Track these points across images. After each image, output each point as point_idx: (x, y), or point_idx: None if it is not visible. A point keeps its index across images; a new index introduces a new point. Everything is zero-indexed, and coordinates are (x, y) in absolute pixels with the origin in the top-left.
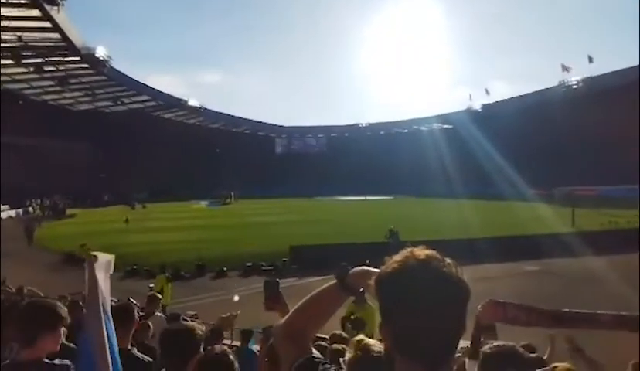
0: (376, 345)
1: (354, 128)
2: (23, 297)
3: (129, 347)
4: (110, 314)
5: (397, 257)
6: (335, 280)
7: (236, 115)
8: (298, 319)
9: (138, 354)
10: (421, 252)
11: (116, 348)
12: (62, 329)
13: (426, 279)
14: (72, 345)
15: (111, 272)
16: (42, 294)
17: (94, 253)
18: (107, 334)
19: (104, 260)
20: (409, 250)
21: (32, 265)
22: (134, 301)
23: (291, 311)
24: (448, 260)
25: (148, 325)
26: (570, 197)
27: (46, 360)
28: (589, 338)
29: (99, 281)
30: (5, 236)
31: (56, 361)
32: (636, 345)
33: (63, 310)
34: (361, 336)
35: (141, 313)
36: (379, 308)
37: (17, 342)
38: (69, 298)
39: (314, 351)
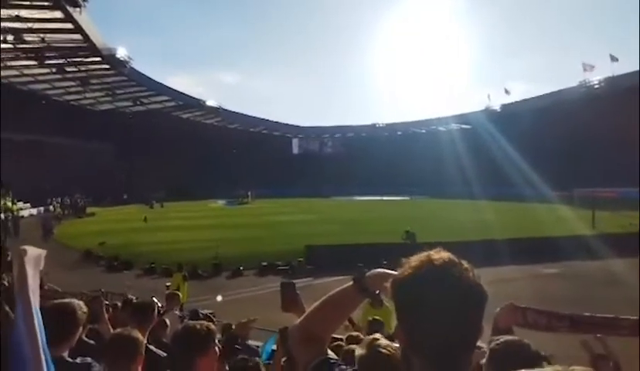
0: (388, 345)
1: (371, 128)
2: (45, 294)
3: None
4: (39, 312)
5: (414, 261)
6: (351, 282)
7: (254, 115)
8: (314, 320)
9: (153, 348)
10: (438, 255)
11: (47, 350)
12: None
13: (442, 284)
14: (90, 341)
15: (41, 267)
16: (61, 290)
17: (24, 247)
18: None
19: (34, 254)
20: (426, 253)
21: (52, 262)
22: (156, 300)
23: (306, 312)
24: (465, 264)
25: (165, 323)
26: (590, 199)
27: (68, 358)
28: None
29: (29, 277)
30: (26, 234)
31: (78, 360)
32: None
33: (83, 308)
34: (377, 335)
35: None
36: (395, 310)
37: None
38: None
39: (329, 352)
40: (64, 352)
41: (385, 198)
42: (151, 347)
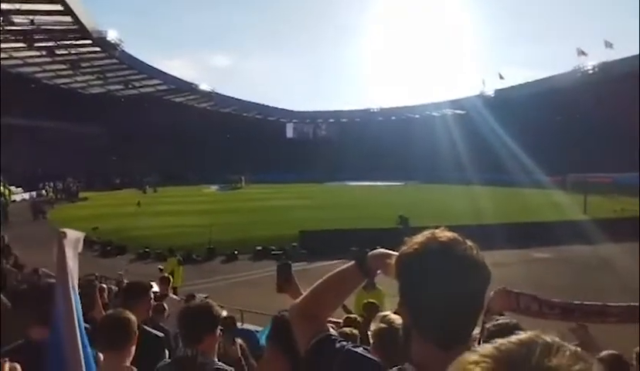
0: (398, 319)
1: (365, 113)
2: (40, 278)
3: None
4: (77, 291)
5: (419, 238)
6: (352, 262)
7: (247, 100)
8: (315, 298)
9: (150, 329)
10: (443, 234)
11: (83, 326)
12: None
13: (448, 261)
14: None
15: (80, 250)
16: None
17: (63, 229)
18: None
19: (74, 237)
20: (430, 231)
21: (45, 247)
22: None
23: (307, 291)
24: (470, 243)
25: (163, 307)
26: (582, 184)
27: None
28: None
29: (68, 259)
30: (18, 219)
31: None
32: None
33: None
34: (387, 312)
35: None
36: (399, 288)
37: (32, 321)
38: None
39: (329, 329)
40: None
41: (379, 183)
42: (147, 327)
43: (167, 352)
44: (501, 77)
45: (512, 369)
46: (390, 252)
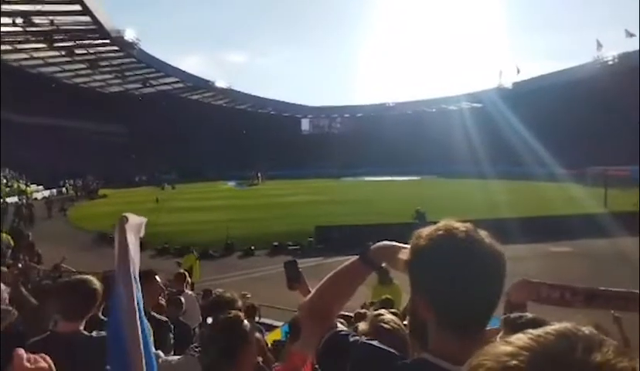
0: (392, 320)
1: (381, 108)
2: (60, 275)
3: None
4: (138, 278)
5: (434, 228)
6: (356, 257)
7: (263, 96)
8: (322, 296)
9: (155, 314)
10: (459, 224)
11: (143, 313)
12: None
13: (467, 250)
14: (105, 317)
15: (142, 235)
16: (75, 271)
17: (126, 214)
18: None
19: (136, 222)
20: (445, 222)
21: (66, 244)
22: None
23: (314, 289)
24: (485, 233)
25: (181, 302)
26: (602, 177)
27: (84, 332)
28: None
29: (129, 244)
30: (40, 217)
31: (94, 333)
32: None
33: (98, 285)
34: (381, 311)
35: (169, 289)
36: (415, 278)
37: (57, 315)
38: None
39: (338, 324)
40: (80, 326)
41: (395, 178)
42: (153, 313)
43: (171, 336)
44: (518, 71)
45: (552, 363)
46: (396, 244)
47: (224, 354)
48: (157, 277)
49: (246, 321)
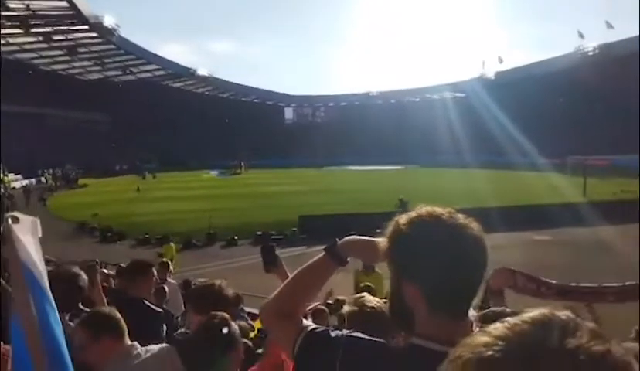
0: (373, 301)
1: (364, 97)
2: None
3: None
4: (46, 284)
5: (417, 215)
6: (322, 253)
7: (245, 84)
8: (287, 295)
9: (150, 304)
10: (441, 209)
11: (58, 329)
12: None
13: (456, 233)
14: (86, 309)
15: (39, 235)
16: (55, 261)
17: (14, 214)
18: (44, 310)
19: (28, 222)
20: (426, 208)
21: (45, 234)
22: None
23: (277, 290)
24: (464, 216)
25: (164, 291)
26: (582, 167)
27: (70, 322)
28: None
29: (26, 246)
30: (18, 206)
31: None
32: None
33: (82, 278)
34: (363, 294)
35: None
36: (399, 265)
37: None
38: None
39: (304, 321)
40: (65, 317)
41: (378, 167)
42: (149, 303)
43: (165, 327)
44: (500, 61)
45: (527, 353)
46: (365, 238)
47: (210, 359)
48: (153, 269)
49: (233, 324)
